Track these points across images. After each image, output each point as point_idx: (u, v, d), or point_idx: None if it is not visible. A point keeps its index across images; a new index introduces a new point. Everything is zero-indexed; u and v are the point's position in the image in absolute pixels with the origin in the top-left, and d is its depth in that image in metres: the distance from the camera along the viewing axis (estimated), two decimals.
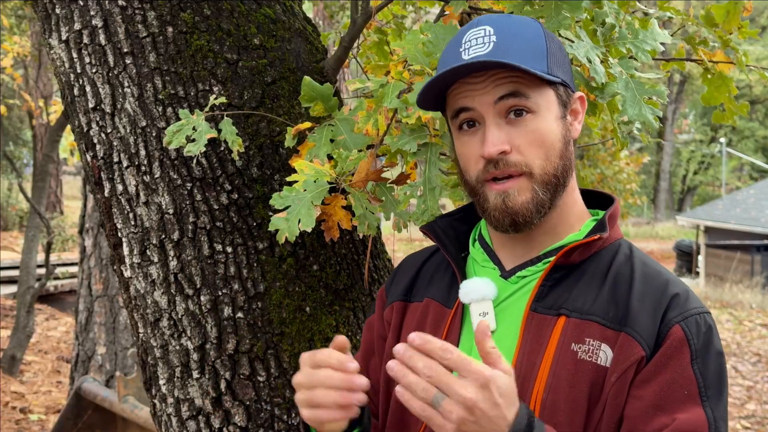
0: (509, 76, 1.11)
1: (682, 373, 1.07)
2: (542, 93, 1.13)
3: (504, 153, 1.11)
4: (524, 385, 1.10)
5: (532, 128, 1.12)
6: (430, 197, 1.49)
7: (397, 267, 1.39)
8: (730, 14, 1.61)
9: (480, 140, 1.13)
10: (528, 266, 1.19)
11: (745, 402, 7.26)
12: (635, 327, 1.09)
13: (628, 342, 1.08)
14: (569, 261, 1.15)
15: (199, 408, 1.68)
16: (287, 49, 1.74)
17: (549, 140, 1.13)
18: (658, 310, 1.11)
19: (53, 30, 1.72)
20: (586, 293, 1.13)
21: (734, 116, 1.73)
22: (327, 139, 1.59)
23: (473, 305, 1.16)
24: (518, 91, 1.10)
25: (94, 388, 3.72)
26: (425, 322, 1.23)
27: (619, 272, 1.16)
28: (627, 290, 1.13)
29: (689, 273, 18.11)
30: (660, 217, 32.99)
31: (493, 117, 1.12)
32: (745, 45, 23.05)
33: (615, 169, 12.92)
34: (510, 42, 1.11)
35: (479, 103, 1.12)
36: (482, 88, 1.11)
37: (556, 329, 1.11)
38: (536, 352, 1.11)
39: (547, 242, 1.20)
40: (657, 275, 1.16)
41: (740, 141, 34.42)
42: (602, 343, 1.09)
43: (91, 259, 5.34)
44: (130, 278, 1.72)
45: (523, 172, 1.12)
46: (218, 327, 1.66)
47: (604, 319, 1.11)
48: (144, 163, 1.65)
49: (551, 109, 1.14)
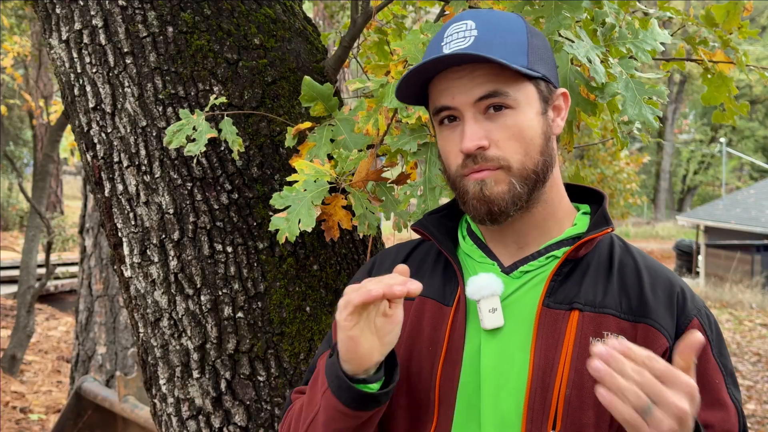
0: (488, 71, 1.11)
1: (708, 365, 1.11)
2: (522, 88, 1.13)
3: (482, 148, 1.11)
4: (545, 381, 1.09)
5: (510, 123, 1.12)
6: (430, 197, 1.49)
7: (373, 262, 1.34)
8: (730, 14, 1.61)
9: (460, 135, 1.13)
10: (530, 261, 1.19)
11: (746, 402, 7.26)
12: (656, 318, 1.11)
13: (651, 333, 1.10)
14: (577, 255, 1.16)
15: (199, 408, 1.68)
16: (287, 49, 1.75)
17: (528, 135, 1.13)
18: (672, 303, 1.14)
19: (53, 30, 1.72)
20: (596, 286, 1.15)
21: (734, 116, 1.73)
22: (327, 138, 1.59)
23: (482, 301, 1.15)
24: (497, 91, 1.11)
25: (95, 388, 3.72)
26: (421, 321, 1.20)
27: (622, 264, 1.18)
28: (636, 281, 1.15)
29: (689, 273, 18.10)
30: (660, 217, 32.99)
31: (472, 113, 1.12)
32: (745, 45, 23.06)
33: (615, 169, 12.94)
34: (491, 36, 1.11)
35: (459, 102, 1.12)
36: (462, 86, 1.12)
37: (570, 324, 1.11)
38: (553, 347, 1.11)
39: (540, 237, 1.20)
40: (659, 268, 1.20)
41: (740, 141, 34.42)
42: (619, 335, 1.11)
43: (92, 258, 5.34)
44: (130, 278, 1.73)
45: (501, 166, 1.12)
46: (218, 327, 1.66)
47: (618, 311, 1.12)
48: (144, 163, 1.65)
49: (531, 104, 1.14)
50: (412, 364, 1.17)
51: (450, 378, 1.14)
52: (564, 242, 1.20)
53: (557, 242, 1.20)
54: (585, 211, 1.26)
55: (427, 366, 1.16)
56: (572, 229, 1.21)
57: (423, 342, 1.18)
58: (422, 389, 1.16)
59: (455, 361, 1.14)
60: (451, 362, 1.14)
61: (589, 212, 1.26)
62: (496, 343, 1.14)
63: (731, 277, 15.17)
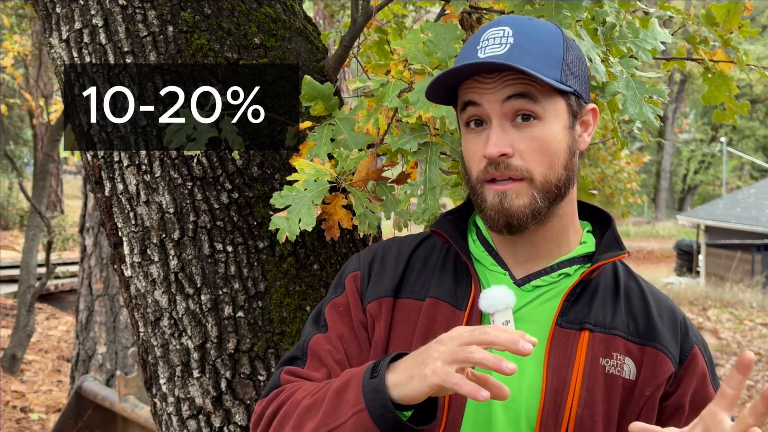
0: (520, 80, 1.11)
1: (706, 394, 1.15)
2: (552, 101, 1.12)
3: (505, 156, 1.11)
4: (557, 399, 1.11)
5: (536, 135, 1.11)
6: (430, 196, 1.49)
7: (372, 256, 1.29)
8: (730, 13, 1.61)
9: (484, 140, 1.13)
10: (542, 275, 1.19)
11: (746, 402, 7.26)
12: (663, 342, 1.15)
13: (659, 357, 1.14)
14: (590, 277, 1.18)
15: (199, 407, 1.68)
16: (288, 48, 1.74)
17: (553, 149, 1.12)
18: (676, 330, 1.18)
19: (54, 29, 1.72)
20: (605, 307, 1.17)
21: (735, 115, 1.73)
22: (327, 138, 1.59)
23: (497, 314, 1.13)
24: (527, 93, 1.10)
25: (95, 388, 3.73)
26: (434, 323, 1.18)
27: (628, 287, 1.21)
28: (643, 305, 1.18)
29: (689, 272, 18.10)
30: (660, 217, 32.99)
31: (499, 118, 1.11)
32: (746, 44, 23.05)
33: (615, 169, 12.93)
34: (527, 46, 1.11)
35: (487, 100, 1.12)
36: (492, 88, 1.11)
37: (581, 344, 1.13)
38: (565, 366, 1.12)
39: (553, 251, 1.20)
40: (662, 295, 1.23)
41: (741, 140, 34.41)
42: (626, 356, 1.14)
43: (92, 258, 5.34)
44: (130, 277, 1.72)
45: (524, 177, 1.12)
46: (219, 326, 1.66)
47: (626, 332, 1.15)
48: (144, 162, 1.65)
49: (560, 117, 1.13)
50: None
51: None
52: (575, 260, 1.21)
53: (569, 259, 1.20)
54: (588, 229, 1.27)
55: None
56: (582, 247, 1.22)
57: None
58: None
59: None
60: None
61: (591, 230, 1.27)
62: (508, 354, 1.13)
63: (732, 276, 15.16)
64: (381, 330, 1.21)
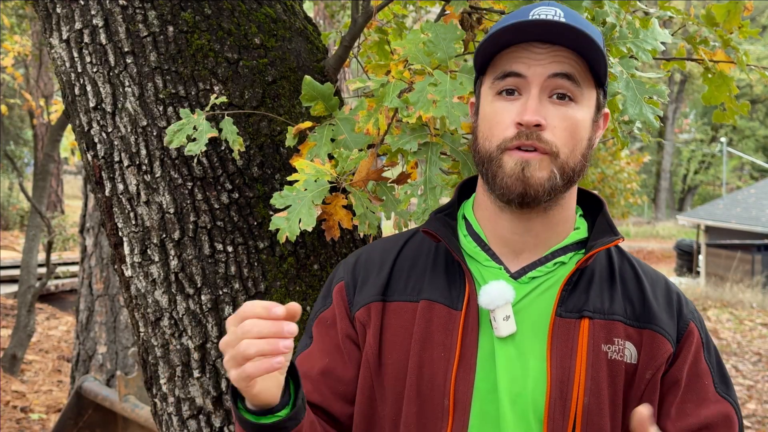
0: (569, 60, 1.10)
1: (698, 369, 1.16)
2: (589, 89, 1.13)
3: (539, 127, 1.09)
4: (563, 390, 1.10)
5: (570, 115, 1.11)
6: (430, 196, 1.49)
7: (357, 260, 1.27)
8: (730, 14, 1.61)
9: (517, 108, 1.11)
10: (538, 266, 1.18)
11: (746, 401, 7.26)
12: (660, 324, 1.15)
13: (657, 339, 1.14)
14: (586, 264, 1.17)
15: (199, 407, 1.68)
16: (288, 48, 1.75)
17: (580, 134, 1.13)
18: (671, 308, 1.18)
19: (54, 29, 1.72)
20: (602, 293, 1.16)
21: (735, 115, 1.73)
22: (328, 138, 1.59)
23: (497, 310, 1.13)
24: (572, 74, 1.10)
25: (95, 388, 3.72)
26: (430, 326, 1.16)
27: (622, 271, 1.20)
28: (638, 288, 1.18)
29: (690, 272, 18.09)
30: (660, 217, 32.98)
31: (538, 90, 1.10)
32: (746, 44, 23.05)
33: (615, 169, 12.94)
34: (580, 26, 1.10)
35: (533, 72, 1.10)
36: (541, 59, 1.10)
37: (582, 332, 1.13)
38: (568, 356, 1.12)
39: (549, 239, 1.19)
40: (655, 273, 1.23)
41: (741, 140, 34.40)
42: (626, 341, 1.14)
43: (92, 258, 5.34)
44: (130, 277, 1.73)
45: (550, 152, 1.10)
46: (219, 326, 1.66)
47: (624, 317, 1.15)
48: (145, 163, 1.65)
49: (591, 107, 1.14)
50: (424, 371, 1.14)
51: (465, 383, 1.12)
52: (569, 248, 1.20)
53: (562, 248, 1.19)
54: (580, 213, 1.26)
55: (440, 372, 1.13)
56: (575, 233, 1.21)
57: (435, 348, 1.15)
58: (435, 395, 1.13)
59: (470, 366, 1.13)
60: (465, 367, 1.13)
61: (582, 214, 1.26)
62: (511, 349, 1.13)
63: (732, 276, 15.16)
64: (371, 336, 1.19)
